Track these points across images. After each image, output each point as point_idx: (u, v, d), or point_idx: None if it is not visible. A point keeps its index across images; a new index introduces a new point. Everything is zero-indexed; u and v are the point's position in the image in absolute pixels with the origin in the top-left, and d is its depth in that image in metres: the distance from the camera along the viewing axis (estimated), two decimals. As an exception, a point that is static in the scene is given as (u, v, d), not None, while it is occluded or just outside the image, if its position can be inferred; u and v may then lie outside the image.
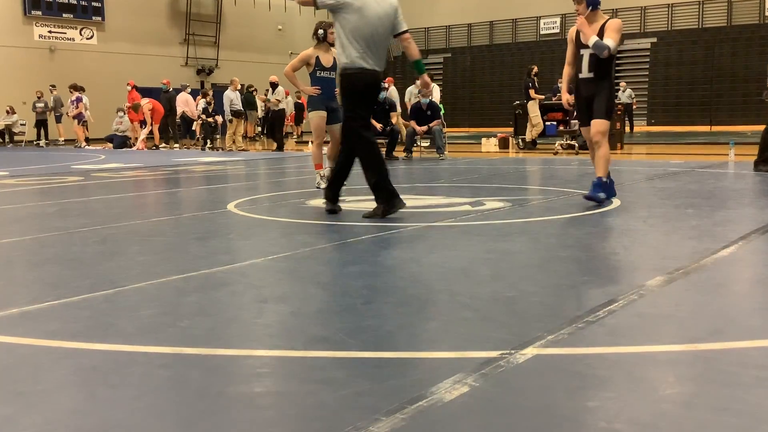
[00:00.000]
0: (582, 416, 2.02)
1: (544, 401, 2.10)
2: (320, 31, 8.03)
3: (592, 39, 6.18)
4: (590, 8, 6.25)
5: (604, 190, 6.27)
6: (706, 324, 2.87)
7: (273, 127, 17.97)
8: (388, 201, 5.83)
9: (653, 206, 6.41)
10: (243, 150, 18.25)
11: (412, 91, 17.05)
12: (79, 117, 21.65)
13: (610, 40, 6.15)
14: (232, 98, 18.51)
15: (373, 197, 5.93)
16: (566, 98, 6.67)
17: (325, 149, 8.65)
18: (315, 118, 8.01)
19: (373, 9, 5.94)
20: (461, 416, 2.01)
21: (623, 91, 23.88)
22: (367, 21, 5.94)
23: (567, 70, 6.65)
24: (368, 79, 5.97)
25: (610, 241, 4.71)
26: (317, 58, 7.96)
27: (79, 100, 21.56)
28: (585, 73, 6.35)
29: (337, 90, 8.09)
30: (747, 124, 25.47)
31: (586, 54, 6.29)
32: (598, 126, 6.28)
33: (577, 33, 6.39)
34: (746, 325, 2.89)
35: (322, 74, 7.98)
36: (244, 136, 19.95)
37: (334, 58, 7.98)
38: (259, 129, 24.71)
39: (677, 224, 5.41)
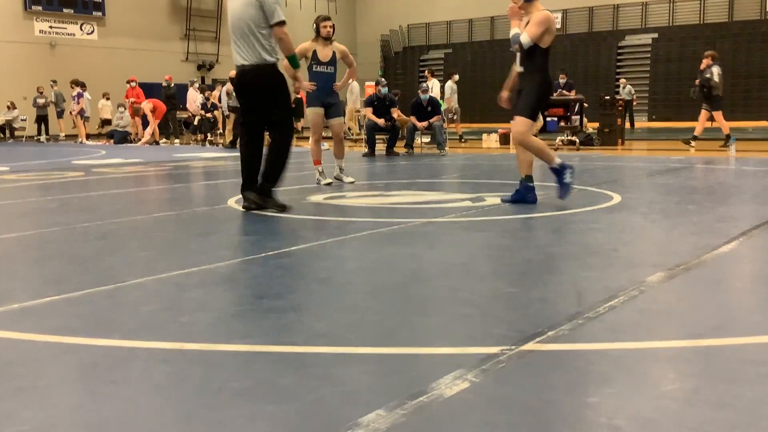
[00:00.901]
0: (582, 412, 2.03)
1: (544, 397, 2.10)
2: (314, 25, 8.01)
3: (512, 31, 6.03)
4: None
5: (565, 170, 6.07)
6: (707, 320, 2.87)
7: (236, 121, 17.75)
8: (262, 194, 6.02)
9: (654, 202, 6.41)
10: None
11: (451, 87, 17.08)
12: (80, 113, 21.66)
13: (525, 35, 5.93)
14: (230, 93, 18.48)
15: (372, 192, 5.93)
16: (503, 95, 6.39)
17: (327, 145, 8.64)
18: (311, 114, 7.98)
19: (232, 1, 5.88)
20: (462, 412, 2.01)
21: (623, 88, 23.86)
22: (230, 15, 5.90)
23: (514, 66, 6.39)
24: (236, 76, 5.98)
25: (610, 236, 4.71)
26: (314, 51, 7.90)
27: (80, 95, 21.56)
28: (517, 67, 6.21)
29: (336, 84, 8.08)
30: (748, 120, 25.43)
31: None
32: (516, 126, 6.11)
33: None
34: (747, 321, 2.89)
35: (318, 68, 7.90)
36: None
37: (333, 53, 7.95)
38: None
39: (678, 220, 5.40)
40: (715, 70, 13.69)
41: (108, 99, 22.95)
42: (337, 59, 8.03)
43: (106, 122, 22.85)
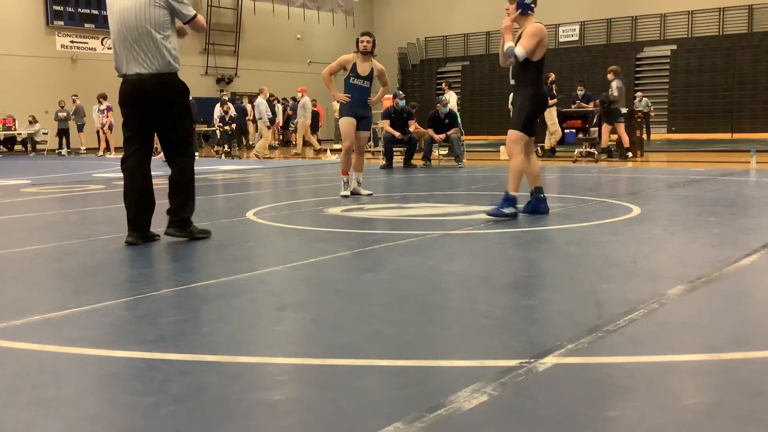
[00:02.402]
0: (602, 426, 2.01)
1: (564, 410, 2.09)
2: (356, 39, 8.26)
3: (506, 44, 5.99)
4: (519, 11, 6.06)
5: (512, 205, 5.97)
6: (728, 333, 2.84)
7: None
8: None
9: (674, 214, 6.36)
10: (268, 158, 18.47)
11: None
12: (110, 126, 21.89)
13: (519, 48, 5.93)
14: (266, 106, 18.82)
15: (390, 204, 5.92)
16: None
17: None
18: (344, 123, 8.16)
19: (120, 2, 5.03)
20: (480, 425, 2.00)
21: (639, 101, 23.78)
22: (114, 17, 5.06)
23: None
24: (128, 88, 5.08)
25: (630, 249, 4.68)
26: (354, 65, 8.08)
27: (109, 109, 21.77)
28: (510, 80, 6.22)
29: (370, 99, 8.22)
30: (769, 131, 25.21)
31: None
32: (509, 136, 6.11)
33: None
34: (769, 334, 2.85)
35: (355, 81, 8.08)
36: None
37: (372, 69, 8.09)
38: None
39: (698, 232, 5.36)
40: (614, 84, 14.31)
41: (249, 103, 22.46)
42: (374, 76, 8.18)
43: None
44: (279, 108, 26.04)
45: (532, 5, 6.10)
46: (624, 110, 14.49)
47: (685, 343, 2.73)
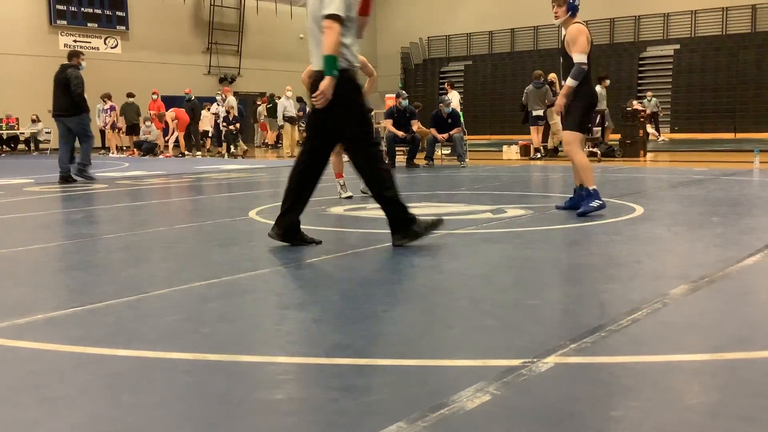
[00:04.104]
0: (606, 426, 2.01)
1: (567, 410, 2.09)
2: None
3: (569, 81, 6.06)
4: (569, 14, 6.16)
5: (596, 198, 6.08)
6: (732, 333, 2.83)
7: None
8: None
9: (677, 214, 6.35)
10: (292, 157, 18.52)
11: (601, 92, 16.54)
12: (113, 126, 21.89)
13: (577, 55, 6.02)
14: (285, 105, 18.74)
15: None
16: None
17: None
18: None
19: None
20: (483, 424, 2.00)
21: (649, 100, 23.79)
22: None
23: None
24: (312, 83, 4.87)
25: (633, 248, 4.67)
26: None
27: (112, 108, 21.80)
28: (562, 80, 6.35)
29: None
30: (773, 131, 25.16)
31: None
32: (564, 138, 6.31)
33: (561, 42, 6.32)
34: (773, 334, 2.85)
35: None
36: (268, 144, 19.93)
37: None
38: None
39: (702, 232, 5.35)
40: (526, 90, 15.57)
41: (208, 110, 21.61)
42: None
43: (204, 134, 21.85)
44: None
45: (577, 5, 6.21)
46: (538, 113, 15.18)
47: (688, 343, 2.73)
